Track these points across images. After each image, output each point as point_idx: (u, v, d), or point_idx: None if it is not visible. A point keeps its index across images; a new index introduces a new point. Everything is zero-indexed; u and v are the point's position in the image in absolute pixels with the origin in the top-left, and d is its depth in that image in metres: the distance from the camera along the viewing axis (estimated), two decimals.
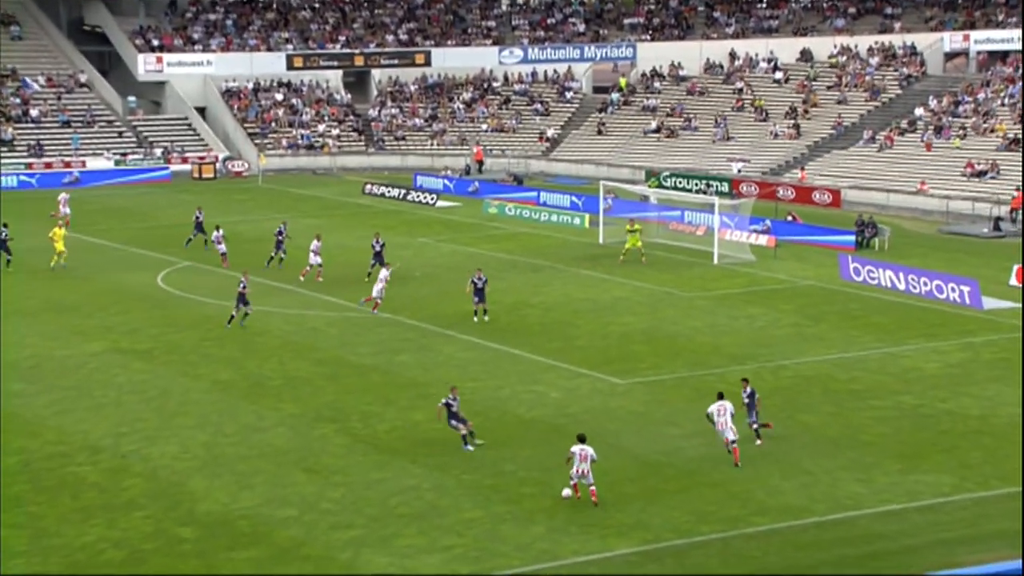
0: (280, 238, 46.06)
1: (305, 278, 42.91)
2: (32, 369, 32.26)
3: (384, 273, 39.30)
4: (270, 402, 29.77)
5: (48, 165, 70.82)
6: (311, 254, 43.77)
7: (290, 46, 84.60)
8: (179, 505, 23.55)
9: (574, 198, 61.67)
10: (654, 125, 78.41)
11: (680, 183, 66.05)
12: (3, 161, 69.97)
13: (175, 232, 49.12)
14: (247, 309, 36.50)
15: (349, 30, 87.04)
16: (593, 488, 23.42)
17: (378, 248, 44.49)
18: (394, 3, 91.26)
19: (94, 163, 72.23)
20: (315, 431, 27.85)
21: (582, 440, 23.91)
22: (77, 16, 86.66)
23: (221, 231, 45.84)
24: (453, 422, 26.64)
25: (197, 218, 48.89)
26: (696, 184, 65.59)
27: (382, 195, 66.43)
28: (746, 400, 26.81)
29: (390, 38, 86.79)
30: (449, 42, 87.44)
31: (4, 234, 42.85)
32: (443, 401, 26.81)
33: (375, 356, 34.10)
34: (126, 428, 27.71)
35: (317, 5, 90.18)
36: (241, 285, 36.53)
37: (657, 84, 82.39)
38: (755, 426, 26.69)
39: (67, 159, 71.72)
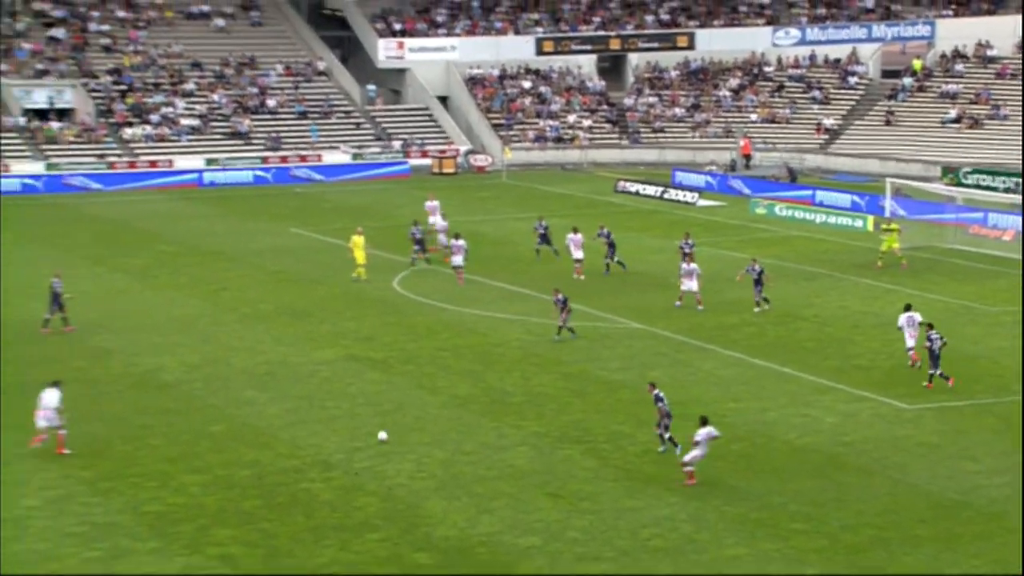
0: (542, 231, 47.98)
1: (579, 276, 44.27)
2: (265, 376, 33.85)
3: (459, 242, 43.02)
4: (512, 419, 30.26)
5: (284, 159, 74.35)
6: (573, 248, 44.42)
7: (540, 29, 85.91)
8: (415, 528, 24.24)
9: (855, 197, 60.17)
10: (954, 114, 75.61)
11: (983, 181, 63.44)
12: (240, 156, 73.94)
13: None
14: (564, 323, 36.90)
15: (604, 11, 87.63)
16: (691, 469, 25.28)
17: (542, 231, 47.42)
18: None
19: (330, 156, 75.34)
20: (560, 452, 28.14)
21: (704, 422, 26.01)
22: (317, 0, 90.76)
23: (461, 240, 45.36)
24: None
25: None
26: (1004, 182, 62.83)
27: (637, 193, 66.55)
28: None
29: (650, 19, 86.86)
30: (716, 22, 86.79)
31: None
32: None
33: (626, 371, 34.18)
34: (360, 443, 28.71)
35: None
36: (559, 301, 36.76)
37: (959, 66, 79.42)
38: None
39: (303, 153, 75.12)
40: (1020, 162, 66.16)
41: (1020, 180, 61.98)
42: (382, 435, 28.58)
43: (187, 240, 54.06)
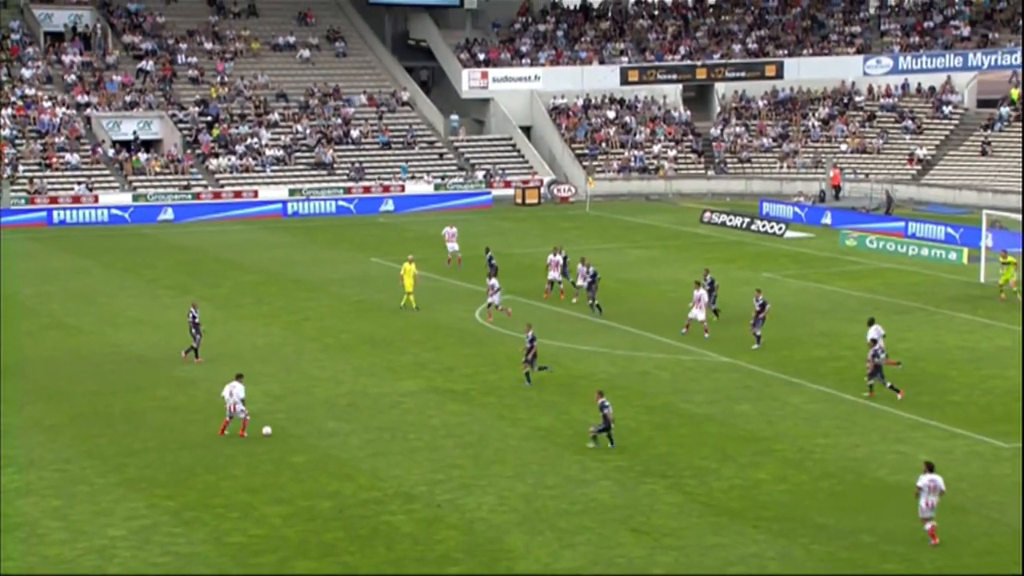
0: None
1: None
2: (347, 407, 34.10)
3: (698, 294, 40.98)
4: (595, 453, 30.18)
5: (367, 189, 75.08)
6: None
7: (625, 58, 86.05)
8: (497, 563, 24.22)
9: (950, 229, 59.35)
10: None
11: None
12: (323, 186, 74.79)
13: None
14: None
15: (691, 39, 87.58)
16: (932, 525, 23.64)
17: (560, 261, 47.09)
18: (743, 8, 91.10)
19: (413, 187, 75.94)
20: (643, 487, 28.01)
21: (931, 468, 24.72)
22: (402, 30, 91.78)
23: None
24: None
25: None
26: None
27: (723, 224, 66.25)
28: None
29: (737, 48, 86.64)
30: (805, 51, 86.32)
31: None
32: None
33: (711, 405, 33.96)
34: (441, 475, 28.79)
35: (656, 12, 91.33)
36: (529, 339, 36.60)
37: None
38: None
39: (386, 183, 75.78)
40: None
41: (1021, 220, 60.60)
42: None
43: (270, 269, 54.72)
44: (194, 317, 38.59)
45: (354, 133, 79.72)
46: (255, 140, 77.54)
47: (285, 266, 55.65)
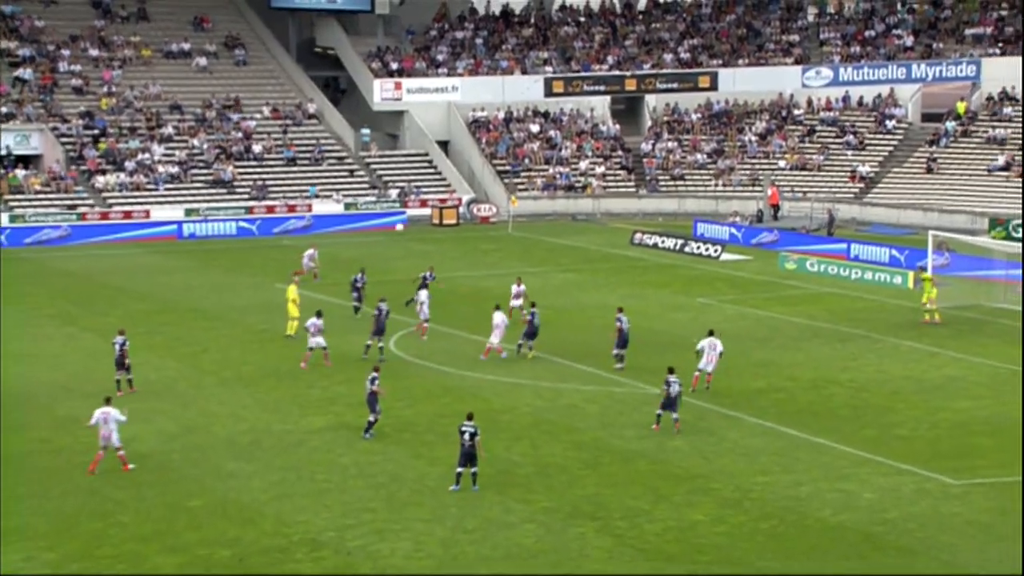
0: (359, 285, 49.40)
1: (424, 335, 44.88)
2: (249, 446, 33.77)
3: (501, 318, 42.29)
4: (518, 493, 30.16)
5: (270, 209, 74.67)
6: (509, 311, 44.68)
7: (549, 68, 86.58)
8: None
9: (894, 251, 60.28)
10: (1002, 161, 75.90)
11: None
12: (221, 205, 74.26)
13: (411, 288, 50.79)
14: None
15: (619, 48, 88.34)
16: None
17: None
18: (674, 16, 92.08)
19: (321, 206, 75.69)
20: (571, 530, 28.03)
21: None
22: (308, 37, 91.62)
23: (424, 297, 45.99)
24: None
25: (357, 283, 49.58)
26: None
27: (654, 246, 66.75)
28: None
29: (668, 57, 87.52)
30: (740, 61, 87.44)
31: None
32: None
33: (643, 440, 34.10)
34: (352, 519, 28.60)
35: (582, 19, 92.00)
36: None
37: (1007, 109, 79.89)
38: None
39: (291, 202, 75.41)
40: None
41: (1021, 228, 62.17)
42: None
43: (164, 296, 54.16)
44: (123, 345, 38.42)
45: (256, 148, 79.30)
46: (147, 156, 76.82)
47: (181, 293, 55.11)
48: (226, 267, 61.81)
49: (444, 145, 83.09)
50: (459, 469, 30.13)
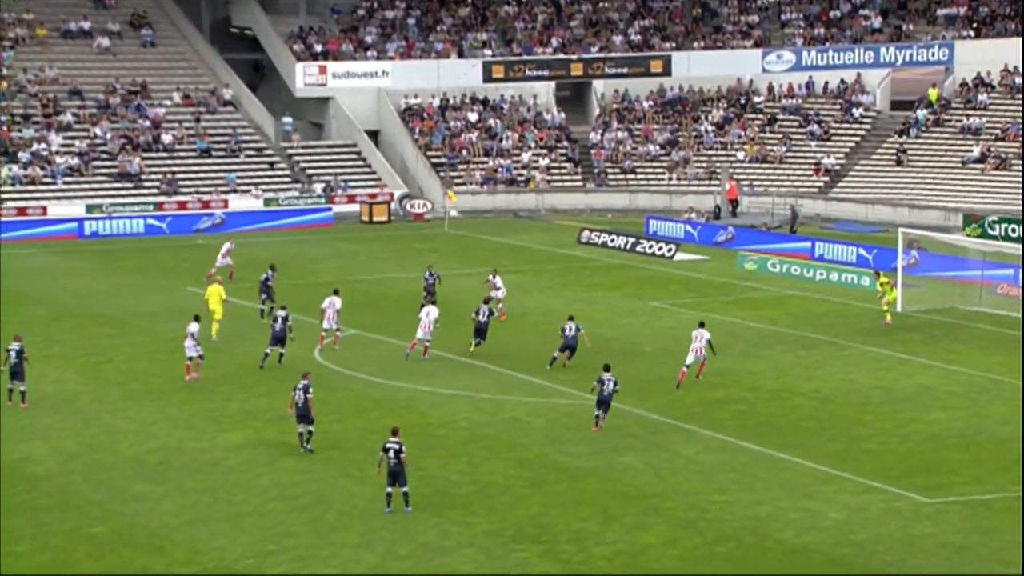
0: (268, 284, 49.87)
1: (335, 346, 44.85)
2: (158, 466, 33.58)
3: (432, 312, 43.36)
4: (456, 515, 30.20)
5: (182, 205, 74.28)
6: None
7: (488, 51, 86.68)
8: None
9: (862, 251, 60.82)
10: (977, 152, 76.78)
11: (1014, 231, 64.32)
12: (127, 201, 73.72)
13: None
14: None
15: (565, 30, 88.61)
16: None
17: (431, 282, 49.50)
18: None
19: (238, 202, 75.37)
20: (513, 555, 28.10)
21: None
22: (223, 16, 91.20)
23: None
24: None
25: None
26: None
27: (604, 245, 66.99)
28: None
29: (618, 40, 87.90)
30: (695, 44, 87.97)
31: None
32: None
33: (592, 456, 34.24)
34: (272, 545, 28.52)
35: None
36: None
37: (983, 96, 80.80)
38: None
39: (205, 198, 75.03)
40: None
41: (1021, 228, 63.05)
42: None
43: (63, 302, 53.74)
44: (20, 352, 38.19)
45: (166, 138, 78.83)
46: (43, 146, 76.15)
47: (82, 298, 54.70)
48: (133, 269, 61.40)
49: (374, 135, 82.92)
50: (388, 489, 30.15)
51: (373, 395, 40.12)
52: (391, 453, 30.13)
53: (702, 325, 41.46)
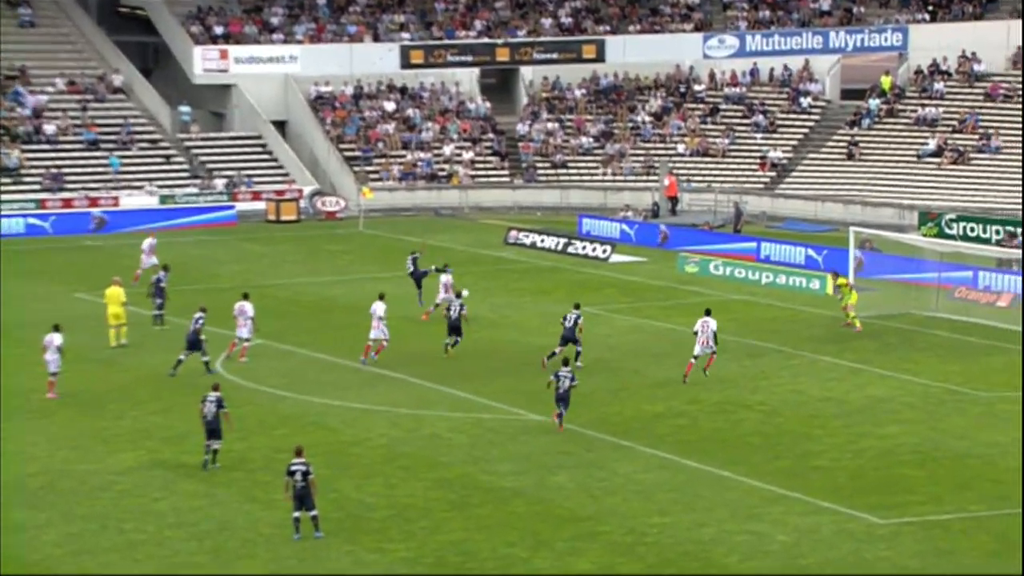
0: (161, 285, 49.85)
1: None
2: (40, 491, 33.24)
3: (380, 308, 44.13)
4: (372, 541, 30.10)
5: (68, 203, 73.57)
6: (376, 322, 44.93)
7: (406, 35, 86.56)
8: None
9: (811, 251, 61.21)
10: (933, 145, 77.55)
11: (972, 230, 64.97)
12: (5, 198, 72.81)
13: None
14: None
15: (489, 11, 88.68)
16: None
17: (410, 268, 51.42)
18: None
19: (130, 200, 74.75)
20: None
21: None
22: None
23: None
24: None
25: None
26: (997, 232, 64.43)
27: (533, 246, 67.06)
28: None
29: (547, 23, 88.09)
30: (631, 27, 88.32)
31: None
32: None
33: (520, 476, 34.22)
34: None
35: None
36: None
37: (939, 85, 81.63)
38: None
39: (94, 195, 74.36)
40: (1019, 206, 67.87)
41: (1017, 229, 63.61)
42: None
43: None
44: None
45: (48, 128, 78.11)
46: None
47: None
48: (13, 274, 60.68)
49: (280, 126, 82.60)
50: (295, 514, 29.99)
51: (281, 411, 39.89)
52: (297, 475, 29.99)
53: (708, 313, 42.47)
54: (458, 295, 47.23)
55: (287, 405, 40.48)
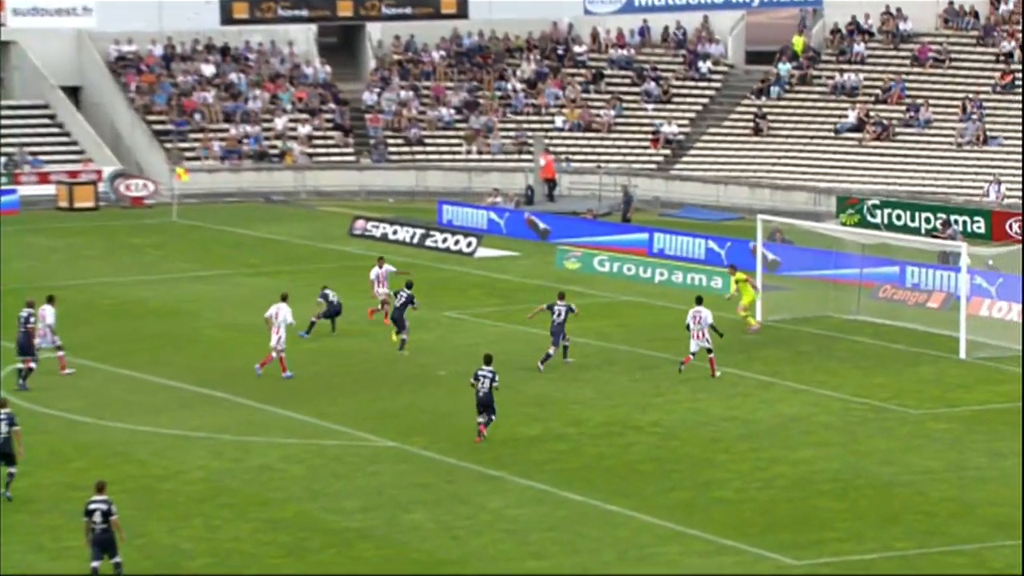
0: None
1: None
2: None
3: (285, 313, 44.65)
4: None
5: None
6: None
7: None
8: None
9: (712, 244, 61.72)
10: (853, 118, 78.47)
11: (900, 218, 65.85)
12: None
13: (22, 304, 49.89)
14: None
15: None
16: None
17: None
18: None
19: None
20: None
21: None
22: None
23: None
24: None
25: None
26: (928, 220, 65.38)
27: (384, 237, 66.99)
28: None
29: None
30: None
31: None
32: None
33: (368, 514, 34.17)
34: None
35: None
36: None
37: (860, 47, 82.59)
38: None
39: None
40: (951, 190, 68.88)
41: (950, 217, 64.56)
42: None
43: None
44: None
45: None
46: None
47: None
48: None
49: (73, 93, 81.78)
50: (94, 563, 29.68)
51: (77, 439, 39.47)
52: (96, 516, 29.65)
53: (700, 302, 43.53)
54: (409, 285, 48.36)
55: (85, 432, 40.07)
